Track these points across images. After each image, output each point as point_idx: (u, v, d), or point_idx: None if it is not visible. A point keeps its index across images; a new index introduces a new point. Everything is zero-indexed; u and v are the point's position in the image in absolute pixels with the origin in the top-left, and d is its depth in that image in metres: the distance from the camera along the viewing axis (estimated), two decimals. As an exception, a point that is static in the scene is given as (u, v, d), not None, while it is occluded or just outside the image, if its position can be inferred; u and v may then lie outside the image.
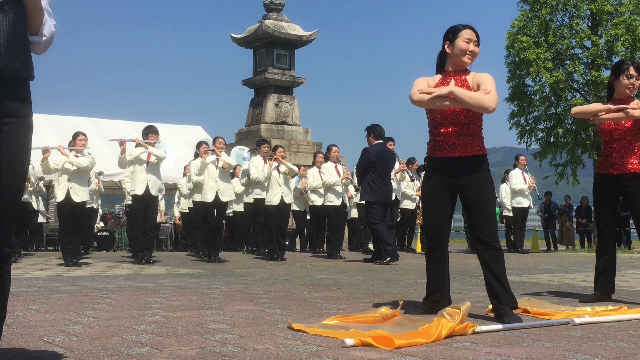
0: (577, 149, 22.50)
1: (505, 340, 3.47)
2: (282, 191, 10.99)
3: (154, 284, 6.50)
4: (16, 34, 2.38)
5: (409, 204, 14.37)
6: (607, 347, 3.32)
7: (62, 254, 9.68)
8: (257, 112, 18.94)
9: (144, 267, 9.10)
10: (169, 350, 3.12)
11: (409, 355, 3.07)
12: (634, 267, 9.99)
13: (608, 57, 21.68)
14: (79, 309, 4.57)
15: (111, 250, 14.79)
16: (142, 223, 9.85)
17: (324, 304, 4.97)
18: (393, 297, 5.48)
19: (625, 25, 20.84)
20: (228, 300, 5.20)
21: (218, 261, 10.11)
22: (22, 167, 2.47)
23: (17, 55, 2.38)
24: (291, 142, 17.90)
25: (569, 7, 22.23)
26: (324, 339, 3.45)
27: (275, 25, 18.53)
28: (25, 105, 2.46)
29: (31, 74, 2.48)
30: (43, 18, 2.49)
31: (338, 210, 11.81)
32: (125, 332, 3.63)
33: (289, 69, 19.03)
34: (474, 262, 11.17)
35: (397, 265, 10.09)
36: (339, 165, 12.11)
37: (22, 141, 2.45)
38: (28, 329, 3.71)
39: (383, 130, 10.96)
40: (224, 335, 3.57)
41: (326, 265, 9.82)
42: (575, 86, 22.46)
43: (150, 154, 9.79)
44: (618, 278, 7.81)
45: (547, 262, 11.20)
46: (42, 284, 6.39)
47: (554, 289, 6.37)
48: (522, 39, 21.67)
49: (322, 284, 6.67)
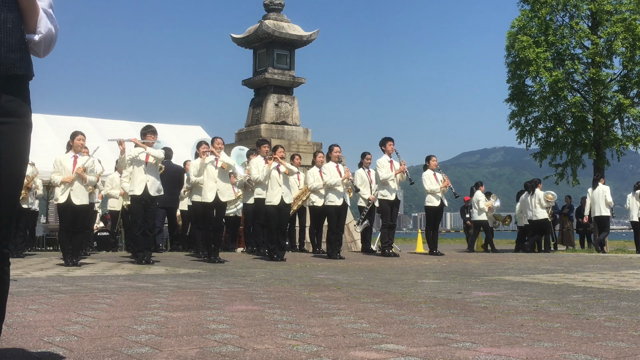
0: (577, 149, 22.47)
1: (505, 340, 3.46)
2: (282, 191, 10.99)
3: (154, 284, 6.50)
4: (11, 31, 2.36)
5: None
6: (607, 347, 3.31)
7: (63, 254, 9.68)
8: (257, 112, 18.93)
9: (144, 267, 9.10)
10: (169, 350, 3.12)
11: (409, 356, 3.07)
12: (634, 267, 9.99)
13: (608, 55, 21.68)
14: (79, 309, 4.57)
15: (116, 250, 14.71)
16: (142, 223, 9.85)
17: (324, 304, 4.97)
18: (393, 297, 5.48)
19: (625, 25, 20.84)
20: (228, 300, 5.20)
21: (218, 261, 10.11)
22: (21, 167, 2.45)
23: (12, 52, 2.35)
24: (291, 142, 17.89)
25: (569, 7, 22.22)
26: (324, 339, 3.45)
27: (275, 25, 18.52)
28: (23, 104, 2.43)
29: (29, 72, 2.44)
30: (38, 16, 2.45)
31: (339, 211, 11.80)
32: (125, 332, 3.63)
33: (289, 69, 19.02)
34: (474, 262, 11.18)
35: (397, 265, 10.09)
36: (340, 165, 12.09)
37: (21, 141, 2.42)
38: (28, 329, 3.71)
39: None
40: (224, 335, 3.57)
41: (326, 265, 9.82)
42: (575, 86, 22.45)
43: (148, 155, 9.78)
44: (618, 278, 7.81)
45: (547, 262, 11.20)
46: (42, 284, 6.39)
47: (554, 289, 6.37)
48: (522, 38, 21.66)
49: (322, 284, 6.67)
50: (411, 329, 3.86)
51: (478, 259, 12.32)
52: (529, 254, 14.91)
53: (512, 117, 23.36)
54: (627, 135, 22.07)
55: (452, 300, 5.32)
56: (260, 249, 12.06)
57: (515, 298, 5.53)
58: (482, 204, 16.83)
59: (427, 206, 13.35)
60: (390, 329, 3.82)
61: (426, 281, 7.20)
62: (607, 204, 16.04)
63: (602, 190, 16.13)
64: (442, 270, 9.18)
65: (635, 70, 21.59)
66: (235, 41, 19.47)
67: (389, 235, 12.56)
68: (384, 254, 12.31)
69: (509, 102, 23.33)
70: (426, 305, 4.97)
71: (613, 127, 22.13)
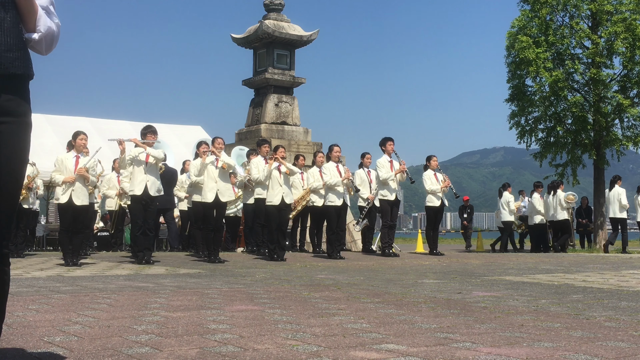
0: (577, 149, 22.47)
1: (505, 340, 3.46)
2: (282, 191, 10.99)
3: (154, 284, 6.50)
4: (8, 30, 2.35)
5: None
6: (607, 347, 3.31)
7: (63, 254, 9.68)
8: (257, 112, 18.93)
9: (144, 267, 9.10)
10: (169, 350, 3.12)
11: (409, 356, 3.07)
12: (634, 267, 9.99)
13: (608, 55, 21.67)
14: (79, 309, 4.57)
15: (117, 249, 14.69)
16: (142, 223, 9.85)
17: (324, 304, 4.97)
18: (393, 297, 5.48)
19: (625, 25, 20.83)
20: (228, 300, 5.20)
21: (218, 261, 10.11)
22: (20, 167, 2.44)
23: (9, 52, 2.34)
24: (291, 142, 17.89)
25: (569, 7, 22.22)
26: (324, 339, 3.44)
27: (276, 25, 18.52)
28: (22, 103, 2.42)
29: (28, 71, 2.43)
30: (37, 15, 2.44)
31: (339, 211, 11.80)
32: (125, 332, 3.63)
33: (289, 69, 19.02)
34: (474, 262, 11.18)
35: (398, 265, 10.09)
36: (341, 165, 12.09)
37: (20, 140, 2.42)
38: (28, 329, 3.71)
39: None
40: (224, 335, 3.57)
41: (326, 266, 9.82)
42: (575, 86, 22.45)
43: (148, 155, 9.78)
44: (618, 278, 7.82)
45: (547, 262, 11.20)
46: (42, 284, 6.39)
47: (554, 289, 6.36)
48: (522, 38, 21.66)
49: (322, 284, 6.67)
50: (411, 329, 3.86)
51: (478, 259, 12.32)
52: (529, 254, 14.92)
53: (512, 117, 23.35)
54: (627, 135, 22.06)
55: (452, 300, 5.32)
56: (260, 249, 12.06)
57: (516, 298, 5.53)
58: (512, 205, 17.03)
59: (428, 206, 13.35)
60: (390, 329, 3.82)
61: (426, 281, 7.20)
62: (622, 206, 16.12)
63: (617, 193, 16.22)
64: (442, 270, 9.18)
65: (635, 70, 21.58)
66: (235, 41, 19.47)
67: (389, 235, 12.56)
68: (384, 254, 12.32)
69: (509, 102, 23.33)
70: (426, 305, 4.97)
71: (613, 127, 22.12)
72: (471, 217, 20.37)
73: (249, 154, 13.44)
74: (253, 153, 12.87)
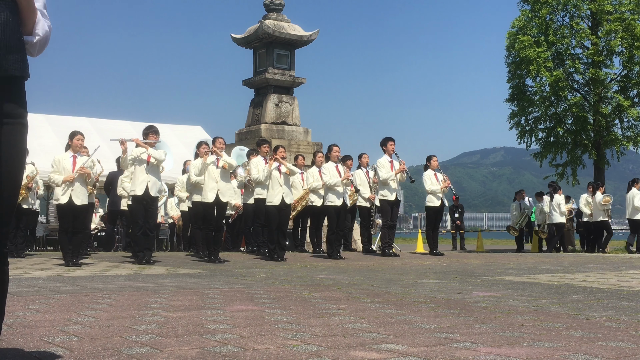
0: (577, 149, 22.49)
1: (505, 341, 3.46)
2: (283, 191, 10.99)
3: (154, 284, 6.50)
4: (9, 32, 2.36)
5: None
6: (607, 347, 3.31)
7: (63, 254, 9.68)
8: (257, 112, 18.93)
9: (144, 267, 9.10)
10: (169, 350, 3.12)
11: (409, 356, 3.07)
12: (634, 267, 9.99)
13: (608, 55, 21.69)
14: (79, 309, 4.57)
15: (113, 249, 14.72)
16: (142, 223, 9.85)
17: (324, 304, 4.97)
18: (393, 297, 5.48)
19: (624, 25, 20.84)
20: (228, 300, 5.20)
21: (218, 261, 10.10)
22: (18, 167, 2.45)
23: (10, 54, 2.36)
24: (291, 142, 17.90)
25: (569, 7, 22.23)
26: (324, 339, 3.44)
27: (276, 25, 18.52)
28: (20, 105, 2.44)
29: (25, 73, 2.45)
30: (36, 18, 2.46)
31: (339, 211, 11.79)
32: (125, 332, 3.63)
33: (289, 69, 19.02)
34: (474, 262, 11.18)
35: (398, 265, 10.09)
36: (340, 165, 12.08)
37: (18, 142, 2.43)
38: (28, 329, 3.71)
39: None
40: (224, 335, 3.57)
41: (326, 266, 9.82)
42: (575, 86, 22.46)
43: (150, 155, 9.77)
44: (618, 278, 7.81)
45: (547, 262, 11.20)
46: (42, 284, 6.39)
47: (554, 289, 6.36)
48: (522, 38, 21.67)
49: (322, 284, 6.67)
50: (411, 329, 3.86)
51: (478, 259, 12.33)
52: (529, 254, 14.94)
53: (512, 117, 23.36)
54: (627, 136, 22.08)
55: (452, 300, 5.32)
56: (260, 249, 12.06)
57: (516, 298, 5.53)
58: (563, 208, 17.14)
59: (428, 206, 13.35)
60: (390, 329, 3.82)
61: (426, 281, 7.20)
62: (634, 207, 16.18)
63: (632, 195, 16.29)
64: (442, 270, 9.18)
65: (635, 70, 21.59)
66: (235, 41, 19.47)
67: (389, 235, 12.56)
68: (384, 254, 12.32)
69: (509, 102, 23.34)
70: (426, 305, 4.97)
71: (613, 127, 22.13)
72: (462, 217, 20.39)
73: (249, 154, 13.43)
74: (253, 153, 12.87)
